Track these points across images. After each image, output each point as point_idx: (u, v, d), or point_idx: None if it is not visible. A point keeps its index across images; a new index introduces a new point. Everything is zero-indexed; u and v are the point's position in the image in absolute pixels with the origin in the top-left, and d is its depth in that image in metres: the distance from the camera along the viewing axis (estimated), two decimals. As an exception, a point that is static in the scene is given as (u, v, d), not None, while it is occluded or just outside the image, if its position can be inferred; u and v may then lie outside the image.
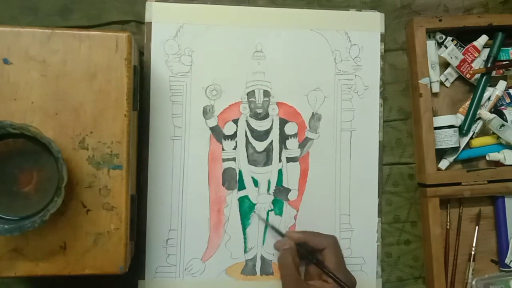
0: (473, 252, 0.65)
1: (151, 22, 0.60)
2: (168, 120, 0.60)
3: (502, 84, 0.64)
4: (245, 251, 0.61)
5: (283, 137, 0.62)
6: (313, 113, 0.63)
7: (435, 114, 0.64)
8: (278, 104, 0.62)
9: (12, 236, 0.45)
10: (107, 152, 0.48)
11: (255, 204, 0.61)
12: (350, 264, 0.62)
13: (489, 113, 0.63)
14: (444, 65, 0.65)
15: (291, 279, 0.53)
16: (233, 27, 0.61)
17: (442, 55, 0.64)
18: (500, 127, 0.63)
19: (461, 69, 0.64)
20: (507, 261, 0.65)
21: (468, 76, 0.64)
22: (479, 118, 0.65)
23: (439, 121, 0.63)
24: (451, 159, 0.64)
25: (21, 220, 0.45)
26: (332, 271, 0.53)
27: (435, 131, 0.62)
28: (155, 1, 0.60)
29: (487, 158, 0.65)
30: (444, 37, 0.65)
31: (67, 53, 0.48)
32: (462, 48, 0.65)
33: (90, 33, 0.49)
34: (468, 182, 0.63)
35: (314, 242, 0.55)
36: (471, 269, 0.65)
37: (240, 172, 0.61)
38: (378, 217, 0.63)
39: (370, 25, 0.64)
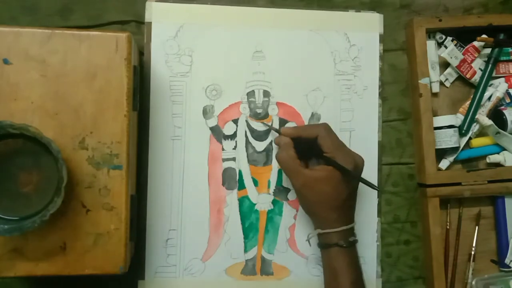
0: (473, 252, 0.65)
1: (151, 22, 0.60)
2: (168, 120, 0.60)
3: (503, 86, 0.64)
4: (245, 251, 0.61)
5: (283, 137, 0.62)
6: (312, 113, 0.63)
7: (435, 114, 0.64)
8: (277, 104, 0.62)
9: (12, 236, 0.45)
10: (107, 152, 0.48)
11: (255, 204, 0.61)
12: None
13: (487, 119, 0.63)
14: (444, 65, 0.65)
15: (294, 168, 0.55)
16: (233, 27, 0.61)
17: (442, 55, 0.64)
18: (496, 134, 0.63)
19: (461, 69, 0.64)
20: (507, 261, 0.65)
21: (468, 76, 0.64)
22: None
23: (439, 121, 0.63)
24: (451, 159, 0.64)
25: (21, 220, 0.45)
26: (330, 154, 0.54)
27: (435, 131, 0.62)
28: (155, 1, 0.60)
29: (488, 160, 0.65)
30: (444, 37, 0.65)
31: (67, 53, 0.48)
32: (462, 48, 0.65)
33: (90, 33, 0.49)
34: (468, 182, 0.63)
35: (306, 133, 0.56)
36: (471, 269, 0.65)
37: (240, 172, 0.61)
38: (378, 217, 0.63)
39: (369, 25, 0.64)
